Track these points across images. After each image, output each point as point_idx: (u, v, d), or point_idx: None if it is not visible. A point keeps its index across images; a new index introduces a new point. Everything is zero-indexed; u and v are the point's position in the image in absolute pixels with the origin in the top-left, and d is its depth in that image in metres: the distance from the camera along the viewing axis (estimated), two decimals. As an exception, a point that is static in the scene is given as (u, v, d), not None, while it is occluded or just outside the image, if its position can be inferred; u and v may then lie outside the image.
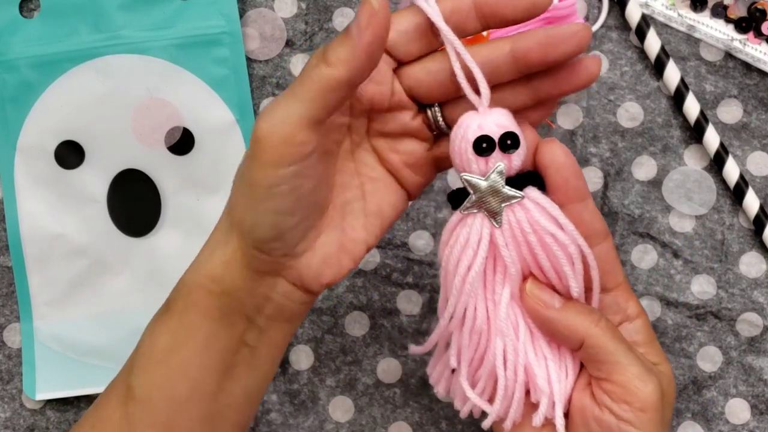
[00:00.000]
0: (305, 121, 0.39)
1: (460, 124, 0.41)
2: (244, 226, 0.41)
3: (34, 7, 0.59)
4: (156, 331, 0.44)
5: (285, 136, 0.39)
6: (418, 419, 0.60)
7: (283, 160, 0.39)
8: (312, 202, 0.42)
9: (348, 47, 0.38)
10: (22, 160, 0.59)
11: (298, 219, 0.41)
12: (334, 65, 0.38)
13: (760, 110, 0.58)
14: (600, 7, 0.58)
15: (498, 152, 0.40)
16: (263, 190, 0.40)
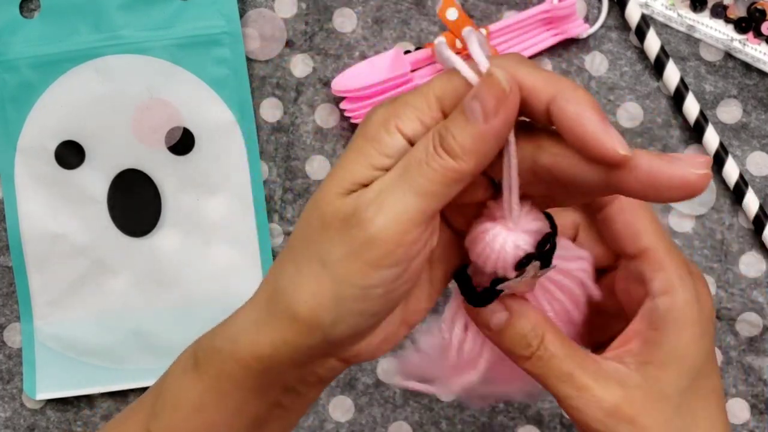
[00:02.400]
0: (422, 216, 0.34)
1: (491, 240, 0.36)
2: (317, 320, 0.35)
3: (34, 7, 0.59)
4: (184, 386, 0.40)
5: (397, 233, 0.34)
6: (418, 419, 0.60)
7: (388, 260, 0.34)
8: (401, 300, 0.36)
9: (473, 135, 0.33)
10: (23, 160, 0.59)
11: (382, 318, 0.37)
12: (458, 157, 0.33)
13: (760, 110, 0.58)
14: (600, 7, 0.58)
15: (533, 266, 0.36)
16: (356, 291, 0.34)
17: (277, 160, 0.59)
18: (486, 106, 0.33)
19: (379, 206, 0.34)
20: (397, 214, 0.34)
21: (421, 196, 0.34)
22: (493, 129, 0.33)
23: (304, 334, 0.36)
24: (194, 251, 0.59)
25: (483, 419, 0.59)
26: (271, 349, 0.37)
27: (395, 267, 0.34)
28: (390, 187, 0.34)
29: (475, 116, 0.33)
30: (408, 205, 0.34)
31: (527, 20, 0.57)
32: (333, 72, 0.59)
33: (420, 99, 0.35)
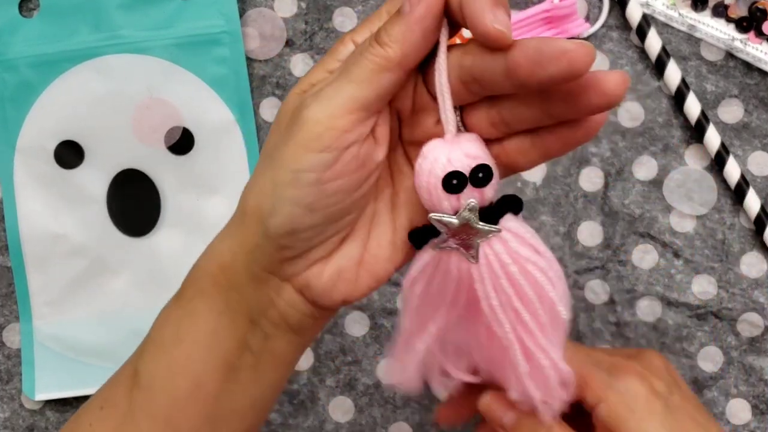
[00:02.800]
0: (353, 103, 0.36)
1: (426, 155, 0.37)
2: (259, 211, 0.38)
3: (33, 6, 0.59)
4: (165, 317, 0.43)
5: (328, 117, 0.36)
6: (418, 420, 0.60)
7: (318, 143, 0.36)
8: (338, 203, 0.38)
9: (401, 25, 0.35)
10: (22, 159, 0.59)
11: (318, 219, 0.37)
12: (386, 44, 0.36)
13: (761, 110, 0.58)
14: (601, 6, 0.58)
15: (469, 187, 0.37)
16: (288, 174, 0.37)
17: (277, 160, 0.59)
18: (412, 2, 0.35)
19: (316, 95, 0.37)
20: (330, 99, 0.36)
21: (354, 83, 0.36)
22: (415, 16, 0.35)
23: (251, 230, 0.39)
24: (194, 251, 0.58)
25: (483, 420, 0.59)
26: (230, 255, 0.40)
27: (325, 152, 0.36)
28: (330, 81, 0.37)
29: (404, 10, 0.36)
30: (340, 92, 0.36)
31: (528, 20, 0.57)
32: (333, 71, 0.59)
33: (374, 16, 0.38)
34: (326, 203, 0.37)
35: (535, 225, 0.59)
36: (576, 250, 0.59)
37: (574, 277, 0.59)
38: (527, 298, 0.38)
